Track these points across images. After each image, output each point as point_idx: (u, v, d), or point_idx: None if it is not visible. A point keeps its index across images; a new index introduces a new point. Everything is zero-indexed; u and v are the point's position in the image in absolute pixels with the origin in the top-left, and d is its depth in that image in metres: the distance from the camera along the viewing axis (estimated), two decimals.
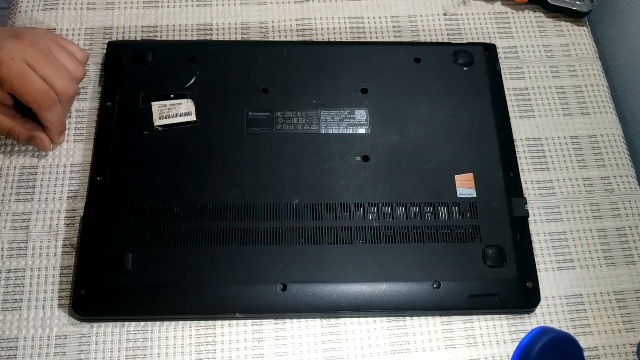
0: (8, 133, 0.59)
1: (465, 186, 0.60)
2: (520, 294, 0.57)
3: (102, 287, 0.55)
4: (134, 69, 0.64)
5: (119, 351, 0.55)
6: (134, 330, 0.55)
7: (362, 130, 0.62)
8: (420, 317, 0.57)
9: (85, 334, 0.55)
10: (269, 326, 0.56)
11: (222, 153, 0.60)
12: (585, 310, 0.58)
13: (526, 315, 0.58)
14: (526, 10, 0.73)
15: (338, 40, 0.70)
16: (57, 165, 0.62)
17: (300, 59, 0.66)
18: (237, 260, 0.56)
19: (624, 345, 0.57)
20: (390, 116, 0.63)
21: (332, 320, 0.57)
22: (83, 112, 0.64)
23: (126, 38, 0.68)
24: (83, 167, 0.62)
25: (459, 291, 0.56)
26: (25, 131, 0.59)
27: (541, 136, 0.66)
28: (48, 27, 0.68)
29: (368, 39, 0.70)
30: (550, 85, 0.69)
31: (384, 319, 0.57)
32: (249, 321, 0.56)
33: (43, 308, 0.56)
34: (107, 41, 0.67)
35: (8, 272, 0.57)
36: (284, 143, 0.61)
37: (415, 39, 0.70)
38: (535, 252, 0.59)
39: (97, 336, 0.55)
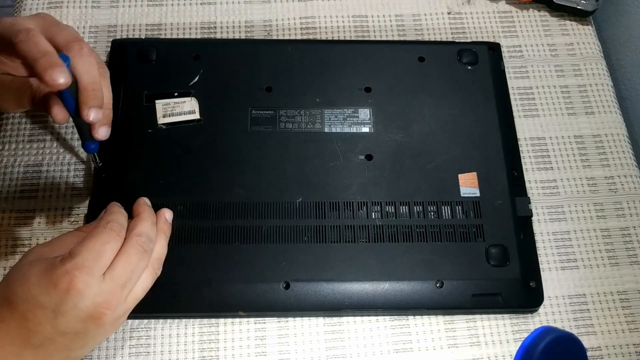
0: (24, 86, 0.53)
1: (468, 185, 0.60)
2: (524, 294, 0.57)
3: None
4: (138, 67, 0.64)
5: (122, 349, 0.55)
6: (137, 328, 0.56)
7: (365, 129, 0.62)
8: (423, 316, 0.57)
9: None
10: (271, 324, 0.56)
11: (225, 151, 0.60)
12: (588, 310, 0.58)
13: (529, 315, 0.58)
14: (531, 9, 0.73)
15: (342, 39, 0.70)
16: (62, 162, 0.62)
17: (304, 57, 0.66)
18: (240, 258, 0.56)
19: (627, 345, 0.57)
20: (393, 115, 0.63)
21: (335, 319, 0.57)
22: None
23: (130, 36, 0.68)
24: (87, 165, 0.62)
25: (462, 290, 0.56)
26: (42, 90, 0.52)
27: (545, 135, 0.66)
28: None
29: (372, 38, 0.70)
30: (555, 84, 0.69)
31: (387, 317, 0.57)
32: (252, 319, 0.56)
33: None
34: (111, 39, 0.67)
35: None
36: (288, 142, 0.61)
37: (420, 38, 0.70)
38: (538, 252, 0.59)
39: None
